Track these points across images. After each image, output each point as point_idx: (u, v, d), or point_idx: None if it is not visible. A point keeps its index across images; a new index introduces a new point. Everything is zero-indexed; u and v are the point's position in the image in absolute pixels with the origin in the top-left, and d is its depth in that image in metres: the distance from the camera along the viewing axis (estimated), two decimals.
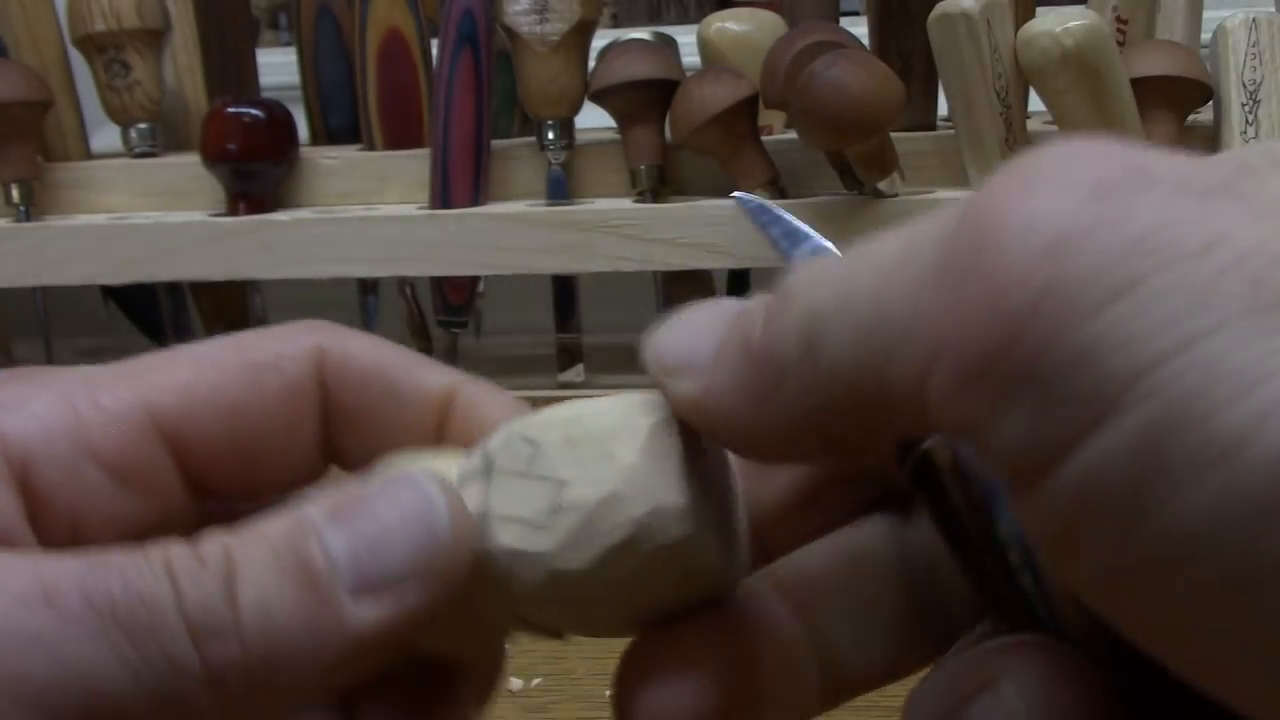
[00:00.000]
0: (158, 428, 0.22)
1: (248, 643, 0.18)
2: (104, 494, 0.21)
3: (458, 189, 0.65)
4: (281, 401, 0.22)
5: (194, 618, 0.18)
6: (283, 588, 0.18)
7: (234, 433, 0.22)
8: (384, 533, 0.19)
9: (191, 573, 0.18)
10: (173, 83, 0.73)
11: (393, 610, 0.19)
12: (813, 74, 0.55)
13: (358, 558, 0.19)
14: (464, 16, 0.63)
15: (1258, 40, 0.60)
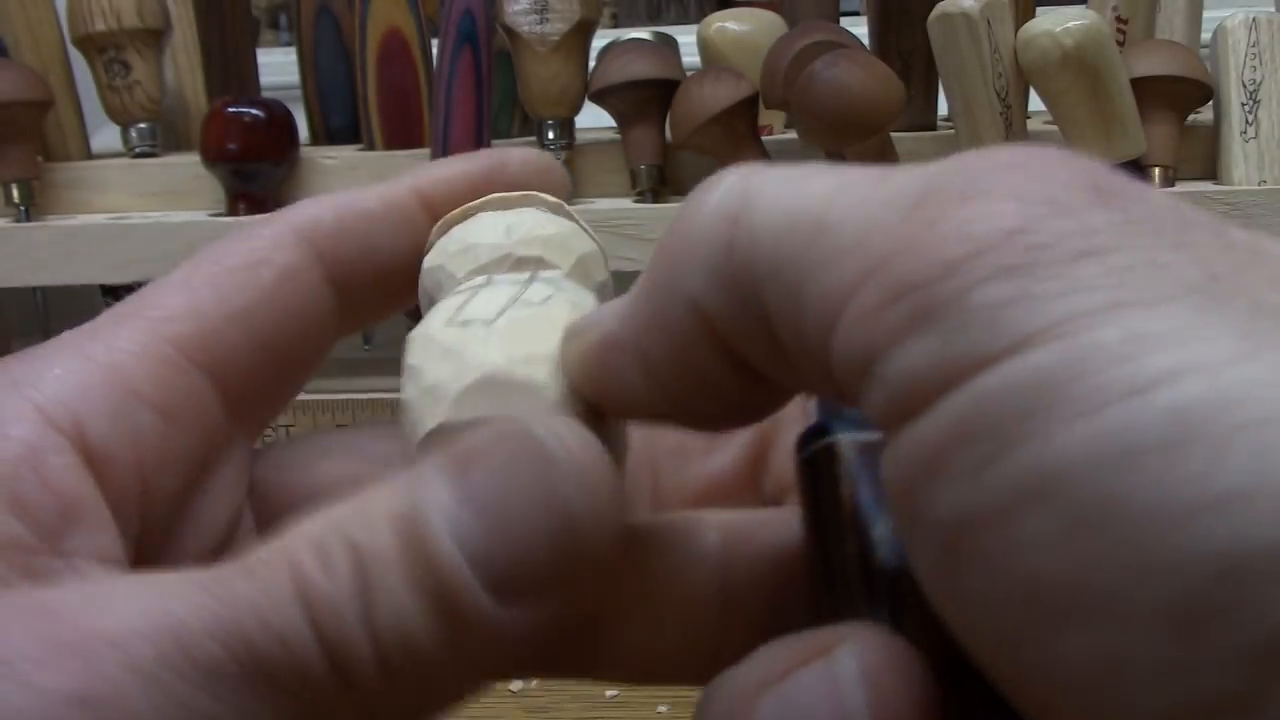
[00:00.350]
0: (186, 356, 0.21)
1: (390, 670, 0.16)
2: (158, 435, 0.20)
3: None
4: (284, 289, 0.22)
5: (336, 655, 0.16)
6: (417, 603, 0.16)
7: (253, 337, 0.22)
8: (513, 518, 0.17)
9: (325, 595, 0.16)
10: (173, 83, 0.73)
11: (539, 613, 0.17)
12: (813, 74, 0.55)
13: (491, 555, 0.17)
14: (464, 16, 0.63)
15: (1258, 40, 0.60)
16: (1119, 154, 0.59)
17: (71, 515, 0.18)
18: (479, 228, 0.23)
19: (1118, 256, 0.14)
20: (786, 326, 0.17)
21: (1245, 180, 0.59)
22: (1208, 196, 0.59)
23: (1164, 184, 0.60)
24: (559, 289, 0.21)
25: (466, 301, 0.21)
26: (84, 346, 0.20)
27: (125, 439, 0.19)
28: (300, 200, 0.24)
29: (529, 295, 0.21)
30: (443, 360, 0.20)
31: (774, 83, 0.59)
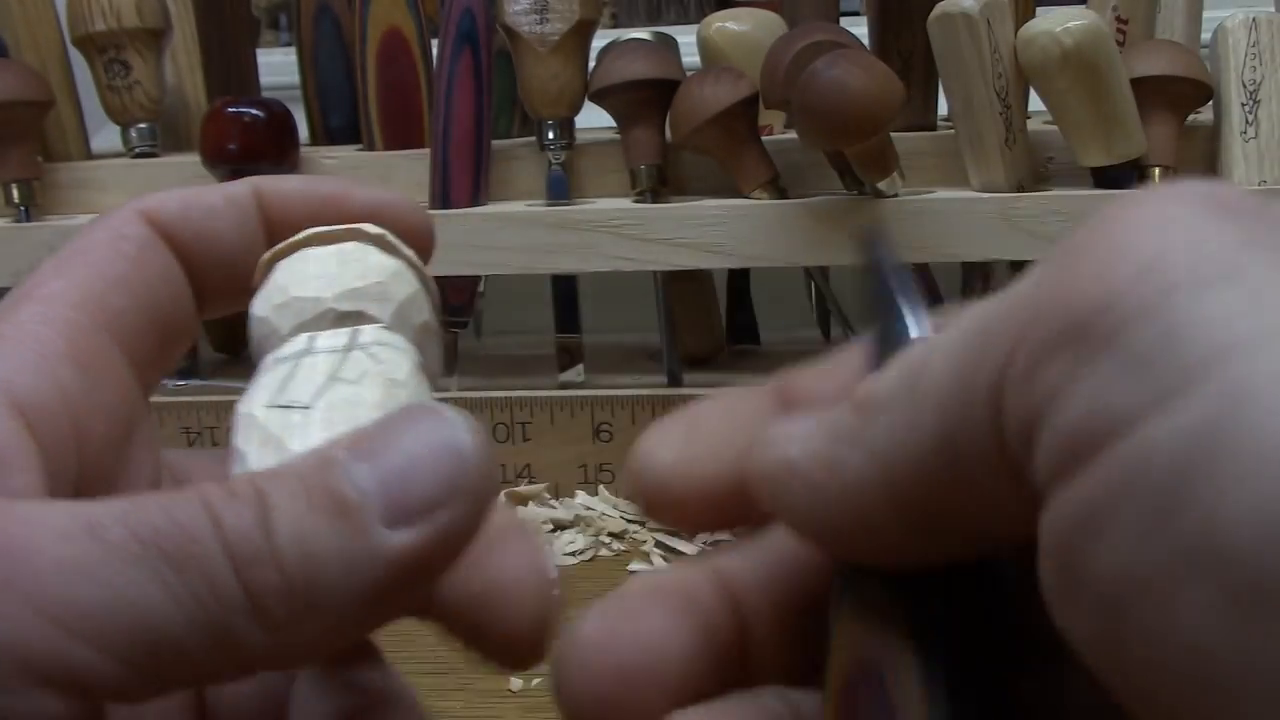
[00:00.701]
0: (88, 317, 0.23)
1: (286, 569, 0.18)
2: (80, 386, 0.22)
3: (458, 189, 0.65)
4: (145, 258, 0.24)
5: (234, 547, 0.18)
6: (316, 518, 0.18)
7: (134, 299, 0.24)
8: (410, 463, 0.19)
9: (227, 504, 0.18)
10: (173, 83, 0.73)
11: (427, 534, 0.19)
12: (813, 74, 0.55)
13: (387, 488, 0.19)
14: (464, 16, 0.63)
15: (1258, 40, 0.60)
16: (1119, 154, 0.59)
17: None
18: (300, 275, 0.24)
19: (1253, 275, 0.14)
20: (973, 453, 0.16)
21: (1245, 180, 0.59)
22: None
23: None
24: (375, 359, 0.22)
25: (287, 379, 0.22)
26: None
27: (50, 389, 0.21)
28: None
29: (345, 371, 0.22)
30: (264, 447, 0.21)
31: (774, 83, 0.59)
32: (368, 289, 0.23)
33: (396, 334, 0.23)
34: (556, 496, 0.63)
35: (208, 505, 0.18)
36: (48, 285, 0.23)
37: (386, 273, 0.24)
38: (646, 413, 0.63)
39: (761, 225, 0.61)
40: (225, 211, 0.25)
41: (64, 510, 0.18)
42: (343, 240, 0.24)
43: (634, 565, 0.56)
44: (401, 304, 0.24)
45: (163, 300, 0.24)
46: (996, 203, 0.59)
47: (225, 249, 0.25)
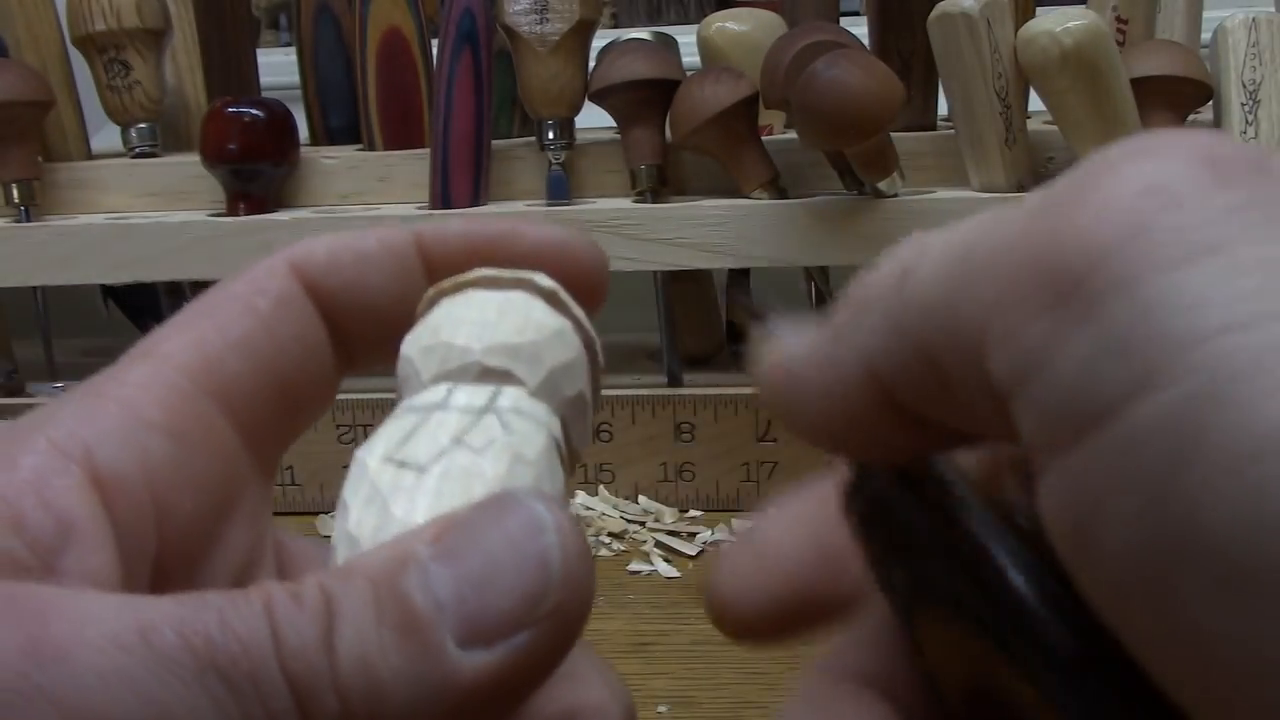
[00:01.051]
0: (193, 382, 0.21)
1: (348, 696, 0.16)
2: (168, 456, 0.20)
3: (458, 189, 0.65)
4: (280, 317, 0.23)
5: (293, 667, 0.16)
6: (382, 635, 0.17)
7: (255, 363, 0.22)
8: (492, 570, 0.17)
9: (290, 616, 0.17)
10: (173, 83, 0.73)
11: (504, 658, 0.17)
12: (813, 74, 0.55)
13: (464, 601, 0.17)
14: (464, 16, 0.63)
15: (1258, 40, 0.60)
16: None
17: (68, 534, 0.19)
18: (454, 320, 0.22)
19: (1239, 251, 0.14)
20: (954, 370, 0.17)
21: None
22: None
23: None
24: (508, 429, 0.21)
25: (411, 433, 0.20)
26: (98, 386, 0.21)
27: (133, 460, 0.20)
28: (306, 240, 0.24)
29: (473, 436, 0.20)
30: (368, 506, 0.20)
31: (774, 83, 0.59)
32: (521, 347, 0.22)
33: (540, 403, 0.22)
34: None
35: (270, 614, 0.17)
36: (165, 344, 0.22)
37: (546, 332, 0.22)
38: (646, 412, 0.63)
39: (761, 225, 0.61)
40: (379, 258, 0.23)
41: (116, 608, 0.17)
42: (510, 288, 0.23)
43: (634, 565, 0.56)
44: (554, 370, 0.22)
45: (291, 363, 0.23)
46: (996, 203, 0.59)
47: (377, 299, 0.23)
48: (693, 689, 0.46)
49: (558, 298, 0.23)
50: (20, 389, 0.71)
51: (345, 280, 0.23)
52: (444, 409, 0.21)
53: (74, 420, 0.20)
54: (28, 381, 0.72)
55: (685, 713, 0.45)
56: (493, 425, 0.20)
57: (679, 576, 0.55)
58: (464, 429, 0.20)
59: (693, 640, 0.50)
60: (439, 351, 0.22)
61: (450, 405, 0.21)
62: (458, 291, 0.23)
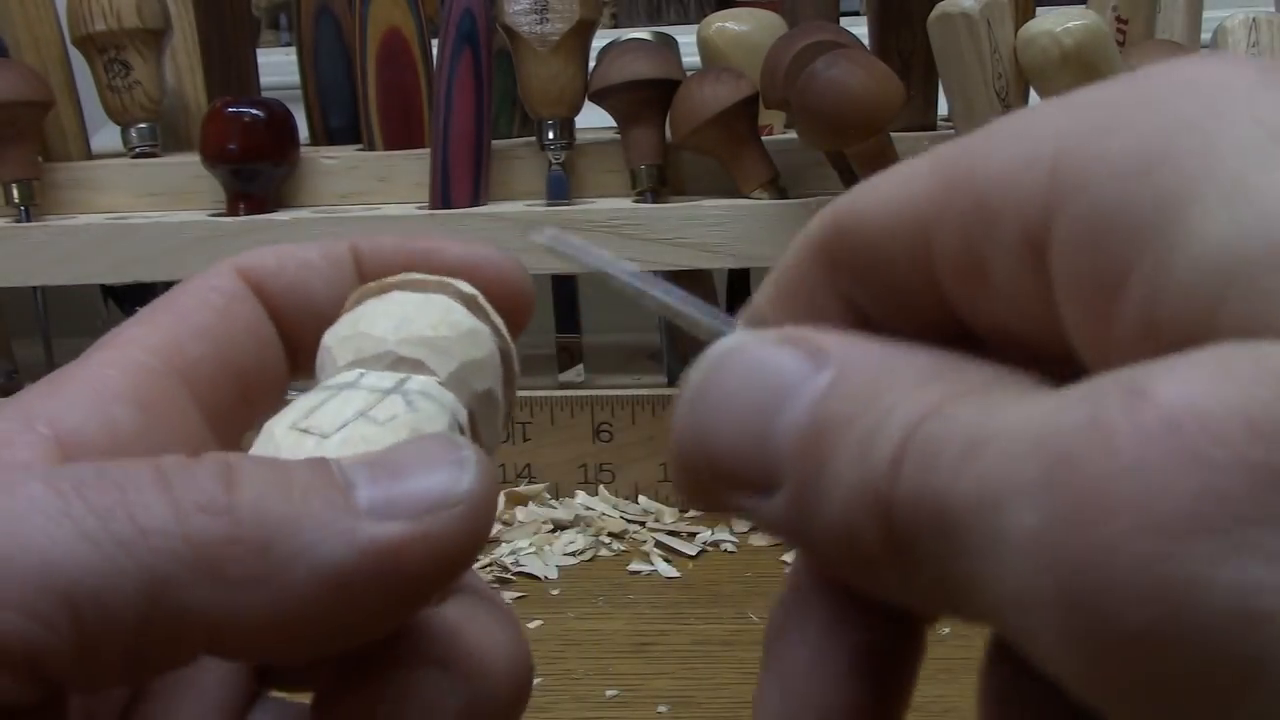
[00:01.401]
0: (160, 361, 0.22)
1: (241, 521, 0.17)
2: (134, 425, 0.21)
3: (458, 189, 0.65)
4: (233, 311, 0.24)
5: (179, 495, 0.17)
6: (287, 485, 0.17)
7: (215, 350, 0.23)
8: (406, 466, 0.18)
9: (180, 465, 0.17)
10: (173, 83, 0.73)
11: (411, 531, 0.17)
12: (813, 74, 0.55)
13: (376, 479, 0.18)
14: (464, 16, 0.63)
15: (1258, 40, 0.60)
16: None
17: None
18: (374, 314, 0.23)
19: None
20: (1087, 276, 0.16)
21: None
22: None
23: None
24: (412, 407, 0.21)
25: (318, 406, 0.21)
26: (67, 370, 0.22)
27: (100, 427, 0.21)
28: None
29: (377, 411, 0.21)
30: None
31: (774, 83, 0.59)
32: (434, 340, 0.23)
33: (449, 393, 0.22)
34: (556, 496, 0.63)
35: (157, 467, 0.17)
36: (126, 332, 0.23)
37: (459, 330, 0.23)
38: (646, 412, 0.63)
39: (761, 225, 0.61)
40: (320, 266, 0.25)
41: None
42: (432, 290, 0.24)
43: (634, 565, 0.56)
44: (464, 364, 0.23)
45: (247, 353, 0.24)
46: None
47: (320, 303, 0.24)
48: (693, 689, 0.46)
49: (476, 302, 0.24)
50: (20, 389, 0.71)
51: (289, 283, 0.25)
52: (352, 388, 0.22)
53: (39, 395, 0.21)
54: (28, 382, 0.71)
55: (685, 713, 0.45)
56: (397, 403, 0.21)
57: (679, 576, 0.55)
58: (370, 405, 0.21)
59: (693, 640, 0.50)
60: (355, 341, 0.23)
61: (360, 385, 0.22)
62: (383, 292, 0.24)
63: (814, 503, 0.16)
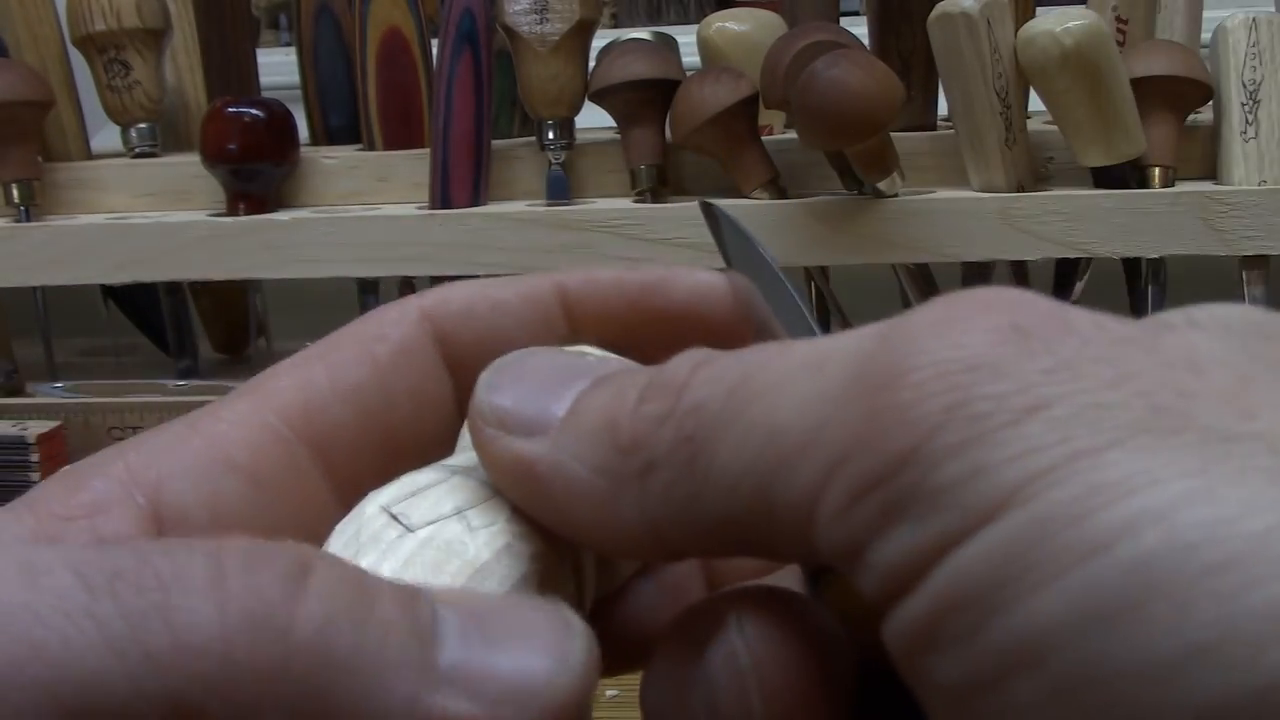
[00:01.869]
0: (289, 427, 0.20)
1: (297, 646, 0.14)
2: (242, 499, 0.19)
3: (458, 189, 0.65)
4: (398, 366, 0.21)
5: (233, 599, 0.14)
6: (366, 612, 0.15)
7: (362, 413, 0.21)
8: (507, 625, 0.16)
9: (247, 557, 0.15)
10: (173, 83, 0.73)
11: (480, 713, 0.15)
12: (813, 74, 0.55)
13: (468, 635, 0.16)
14: (464, 16, 0.63)
15: (1258, 40, 0.60)
16: (1119, 154, 0.59)
17: None
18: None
19: (1059, 408, 0.14)
20: (762, 541, 0.17)
21: (1245, 180, 0.59)
22: (1208, 196, 0.59)
23: (1164, 184, 0.60)
24: (515, 516, 0.19)
25: (423, 489, 0.19)
26: (195, 420, 0.20)
27: (203, 500, 0.19)
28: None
29: (475, 513, 0.19)
30: (345, 549, 0.19)
31: (774, 83, 0.59)
32: None
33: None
34: None
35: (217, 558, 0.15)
36: (272, 382, 0.21)
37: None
38: None
39: (761, 225, 0.61)
40: (518, 308, 0.22)
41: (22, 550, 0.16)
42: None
43: None
44: None
45: (402, 417, 0.21)
46: (996, 203, 0.59)
47: (515, 345, 0.21)
48: None
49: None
50: (20, 389, 0.71)
51: (478, 333, 0.22)
52: (467, 475, 0.20)
53: (155, 451, 0.19)
54: (28, 381, 0.72)
55: None
56: (503, 508, 0.19)
57: None
58: (472, 502, 0.19)
59: None
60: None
61: (475, 473, 0.20)
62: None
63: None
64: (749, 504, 0.16)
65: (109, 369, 0.78)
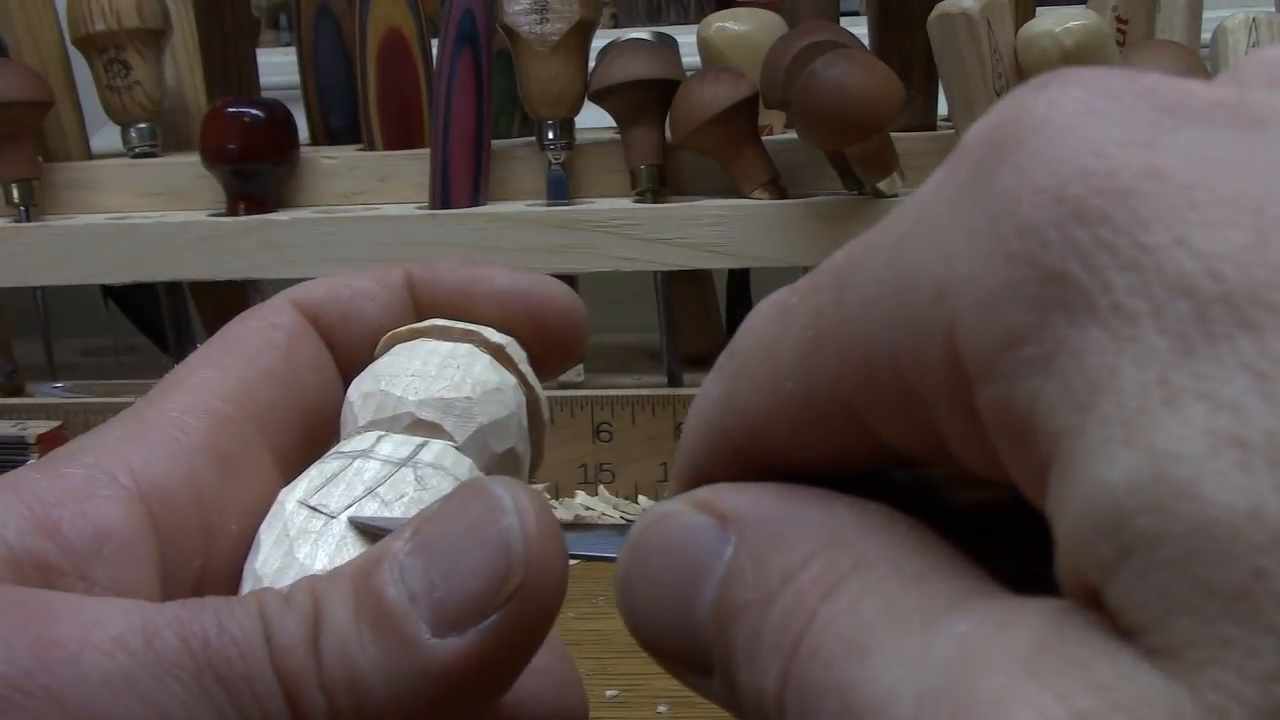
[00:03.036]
0: (233, 407, 0.22)
1: (333, 692, 0.17)
2: (216, 479, 0.21)
3: (458, 189, 0.65)
4: (296, 347, 0.24)
5: (283, 668, 0.17)
6: (360, 631, 0.17)
7: (283, 392, 0.23)
8: (456, 554, 0.18)
9: (280, 617, 0.17)
10: (173, 83, 0.73)
11: (475, 641, 0.17)
12: (813, 74, 0.55)
13: (433, 587, 0.17)
14: (464, 16, 0.63)
15: (1258, 40, 0.60)
16: None
17: (103, 545, 0.19)
18: (398, 368, 0.23)
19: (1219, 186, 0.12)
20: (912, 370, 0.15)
21: None
22: None
23: None
24: (422, 484, 0.21)
25: (332, 477, 0.21)
26: (141, 413, 0.21)
27: (182, 480, 0.20)
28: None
29: (386, 489, 0.21)
30: (276, 546, 0.20)
31: (774, 83, 0.59)
32: (454, 403, 0.22)
33: (466, 458, 0.22)
34: (556, 496, 0.63)
35: (263, 616, 0.17)
36: (198, 374, 0.23)
37: (483, 389, 0.23)
38: (646, 412, 0.63)
39: (761, 225, 0.61)
40: (375, 293, 0.25)
41: (122, 611, 0.17)
42: (460, 340, 0.24)
43: None
44: (484, 427, 0.23)
45: (312, 391, 0.24)
46: None
47: (376, 331, 0.24)
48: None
49: (504, 353, 0.24)
50: (20, 389, 0.71)
51: (343, 313, 0.24)
52: (366, 458, 0.22)
53: (121, 441, 0.21)
54: (28, 381, 0.72)
55: (685, 712, 0.45)
56: (407, 479, 0.21)
57: None
58: (380, 479, 0.21)
59: None
60: (377, 399, 0.23)
61: (374, 454, 0.22)
62: (413, 338, 0.24)
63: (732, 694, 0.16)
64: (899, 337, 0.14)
65: (109, 369, 0.78)
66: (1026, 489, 0.14)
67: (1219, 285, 0.12)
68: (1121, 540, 0.12)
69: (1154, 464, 0.12)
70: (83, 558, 0.19)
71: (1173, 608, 0.11)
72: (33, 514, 0.19)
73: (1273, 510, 0.11)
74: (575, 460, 0.63)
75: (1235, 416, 0.11)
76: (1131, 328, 0.12)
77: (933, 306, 0.14)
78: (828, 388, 0.16)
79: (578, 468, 0.63)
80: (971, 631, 0.13)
